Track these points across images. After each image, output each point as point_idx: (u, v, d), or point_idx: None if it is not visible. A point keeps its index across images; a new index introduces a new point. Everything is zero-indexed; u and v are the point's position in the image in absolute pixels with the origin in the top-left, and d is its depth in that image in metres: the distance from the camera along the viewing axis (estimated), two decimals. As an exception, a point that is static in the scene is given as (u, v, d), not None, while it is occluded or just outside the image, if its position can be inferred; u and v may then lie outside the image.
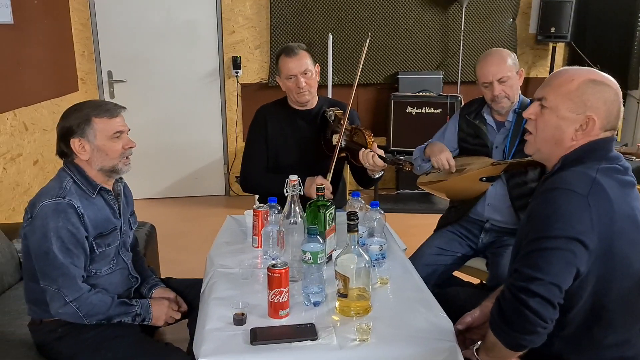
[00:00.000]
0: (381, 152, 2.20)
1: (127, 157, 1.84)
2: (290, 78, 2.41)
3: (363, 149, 2.20)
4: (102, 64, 4.66)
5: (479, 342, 1.51)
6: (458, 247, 2.40)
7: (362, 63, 2.45)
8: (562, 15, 4.58)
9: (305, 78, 2.40)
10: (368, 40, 2.52)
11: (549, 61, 4.94)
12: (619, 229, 1.34)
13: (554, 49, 4.85)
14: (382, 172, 2.32)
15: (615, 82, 1.44)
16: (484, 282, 2.40)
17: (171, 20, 4.66)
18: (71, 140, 1.76)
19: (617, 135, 1.49)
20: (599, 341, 1.44)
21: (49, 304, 1.73)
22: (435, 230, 2.55)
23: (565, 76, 1.44)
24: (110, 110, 1.80)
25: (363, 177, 2.40)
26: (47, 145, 3.85)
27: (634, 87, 4.72)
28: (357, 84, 2.40)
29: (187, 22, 4.69)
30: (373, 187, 4.27)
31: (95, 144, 1.77)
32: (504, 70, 2.21)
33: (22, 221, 1.78)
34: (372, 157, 2.17)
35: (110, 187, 1.88)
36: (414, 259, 2.28)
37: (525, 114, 1.53)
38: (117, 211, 1.89)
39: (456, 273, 2.47)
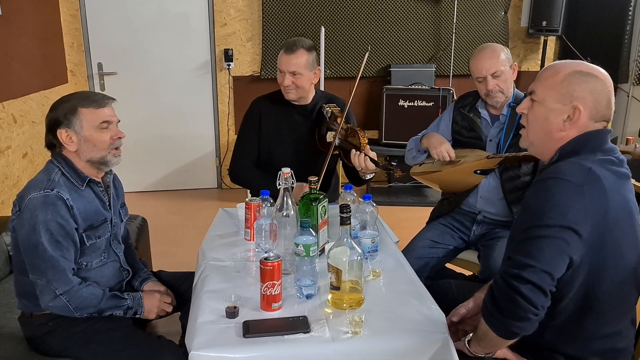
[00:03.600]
0: (373, 154, 2.19)
1: (116, 148, 1.81)
2: (281, 72, 2.40)
3: (355, 151, 2.19)
4: (92, 55, 4.61)
5: (471, 334, 1.51)
6: (450, 240, 2.40)
7: (359, 77, 2.44)
8: (553, 9, 4.59)
9: (293, 78, 2.37)
10: (367, 54, 2.51)
11: (540, 55, 4.96)
12: (613, 220, 1.35)
13: (545, 42, 4.85)
14: (374, 174, 2.31)
15: (606, 73, 1.45)
16: (476, 274, 2.41)
17: (162, 11, 4.62)
18: (58, 131, 1.74)
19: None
20: (590, 332, 1.45)
21: (39, 298, 1.72)
22: (427, 223, 2.55)
23: (552, 69, 1.47)
24: (97, 100, 1.78)
25: (354, 176, 2.39)
26: (36, 137, 3.81)
27: (624, 81, 4.75)
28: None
29: (179, 13, 4.65)
30: (365, 180, 4.27)
31: (82, 134, 1.74)
32: (497, 65, 2.22)
33: (10, 214, 1.76)
34: (363, 159, 2.16)
35: (99, 179, 1.85)
36: (407, 251, 2.29)
37: (518, 109, 1.56)
38: (107, 203, 1.87)
39: (448, 265, 2.48)
